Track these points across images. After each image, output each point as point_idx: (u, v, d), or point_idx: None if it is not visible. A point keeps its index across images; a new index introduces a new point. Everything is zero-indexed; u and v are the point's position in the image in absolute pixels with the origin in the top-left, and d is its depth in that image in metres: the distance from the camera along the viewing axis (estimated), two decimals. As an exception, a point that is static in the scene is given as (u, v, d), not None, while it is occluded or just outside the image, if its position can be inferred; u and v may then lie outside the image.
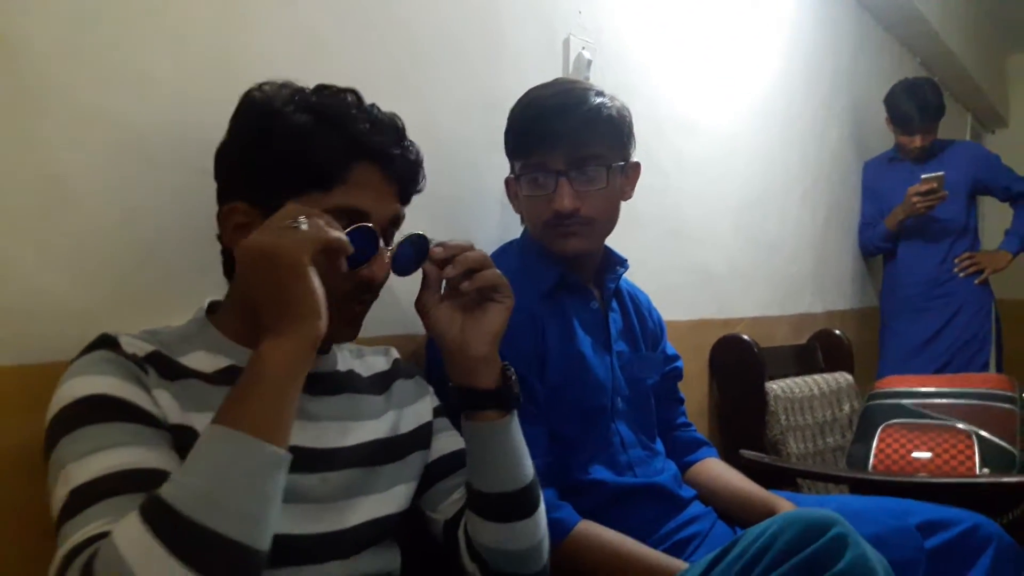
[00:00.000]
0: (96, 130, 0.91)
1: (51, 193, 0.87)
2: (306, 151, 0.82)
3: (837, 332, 2.45)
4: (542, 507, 0.93)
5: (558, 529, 1.07)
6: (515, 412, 0.92)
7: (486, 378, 0.90)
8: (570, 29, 1.64)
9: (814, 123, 2.75)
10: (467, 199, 1.39)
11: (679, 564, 1.06)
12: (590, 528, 1.10)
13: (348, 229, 0.79)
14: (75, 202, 0.89)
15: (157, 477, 0.68)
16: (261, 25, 1.08)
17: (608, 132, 1.20)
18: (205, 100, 0.98)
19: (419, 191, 0.95)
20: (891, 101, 2.85)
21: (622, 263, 1.34)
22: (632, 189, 1.29)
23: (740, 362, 2.03)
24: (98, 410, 0.73)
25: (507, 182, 1.30)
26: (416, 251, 0.90)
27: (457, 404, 0.93)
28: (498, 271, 0.92)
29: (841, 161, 2.98)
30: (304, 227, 0.73)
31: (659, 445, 1.34)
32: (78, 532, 0.65)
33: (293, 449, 0.75)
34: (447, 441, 1.00)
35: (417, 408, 1.00)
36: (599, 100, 1.19)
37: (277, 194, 0.81)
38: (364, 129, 0.85)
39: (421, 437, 0.98)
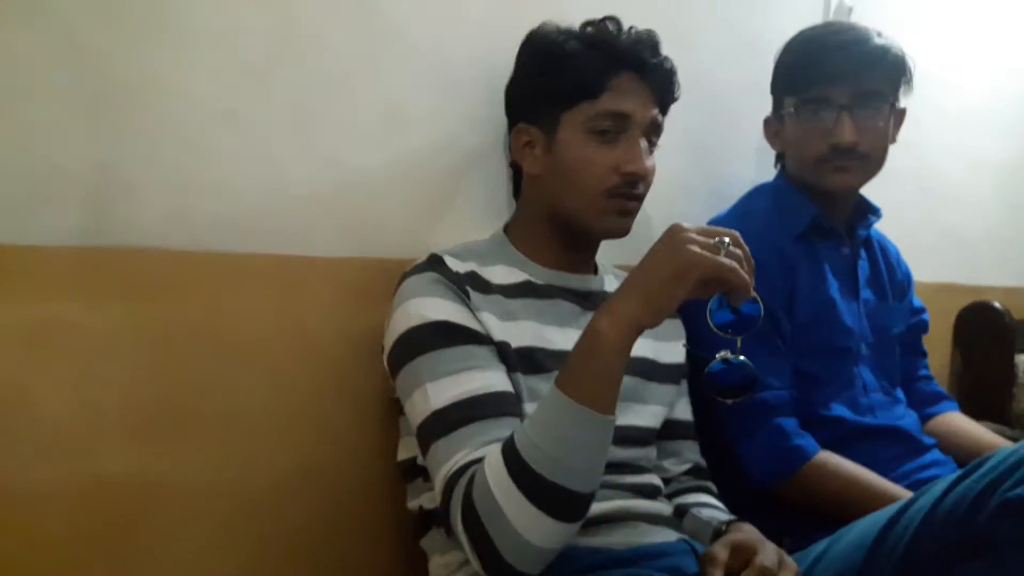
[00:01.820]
0: (425, 64, 1.08)
1: (392, 117, 1.06)
2: (573, 68, 0.97)
3: (1104, 311, 2.23)
4: None
5: (798, 455, 1.13)
6: None
7: None
8: (834, -24, 1.63)
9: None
10: (725, 141, 1.46)
11: (919, 499, 1.09)
12: (829, 457, 1.14)
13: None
14: (409, 125, 1.07)
15: (505, 398, 0.86)
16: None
17: (890, 71, 1.21)
18: (508, 39, 1.11)
19: (675, 99, 1.04)
20: None
21: (875, 211, 1.34)
22: (898, 134, 1.29)
23: (989, 331, 1.93)
24: (445, 335, 0.88)
25: (767, 121, 1.33)
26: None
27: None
28: None
29: None
30: (725, 251, 0.76)
31: (900, 394, 1.35)
32: (455, 456, 0.82)
33: None
34: (685, 407, 1.11)
35: (674, 347, 1.09)
36: (882, 40, 1.21)
37: (553, 110, 0.97)
38: (621, 43, 0.98)
39: (674, 374, 1.07)
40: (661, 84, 1.01)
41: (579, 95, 0.96)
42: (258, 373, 0.96)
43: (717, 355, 0.81)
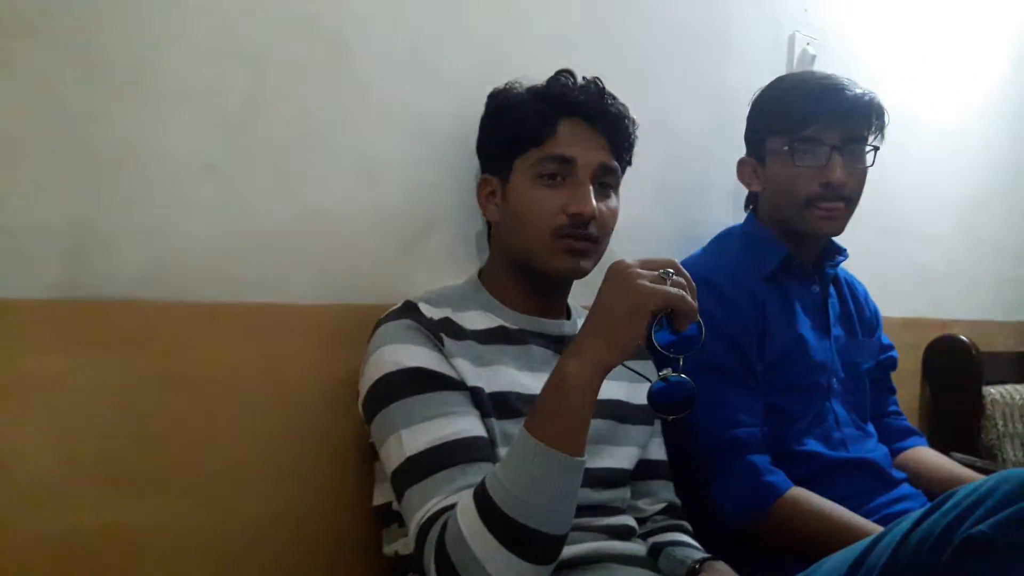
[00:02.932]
0: (398, 118, 1.11)
1: (367, 168, 1.08)
2: (520, 117, 1.01)
3: (1068, 342, 2.29)
4: None
5: (770, 492, 1.14)
6: None
7: None
8: (795, 26, 1.69)
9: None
10: (693, 183, 1.50)
11: (891, 534, 1.10)
12: (801, 493, 1.15)
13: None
14: (384, 175, 1.10)
15: (478, 443, 0.88)
16: (525, 31, 1.25)
17: (872, 117, 1.27)
18: (479, 94, 1.15)
19: (630, 143, 1.06)
20: None
21: (842, 252, 1.38)
22: None
23: (956, 363, 1.98)
24: (419, 381, 0.90)
25: (743, 162, 1.37)
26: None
27: None
28: None
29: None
30: (670, 280, 0.80)
31: (871, 428, 1.37)
32: (428, 502, 0.83)
33: None
34: (659, 448, 1.13)
35: (646, 388, 1.11)
36: (862, 88, 1.27)
37: (507, 159, 1.02)
38: (567, 91, 1.02)
39: (647, 415, 1.08)
40: (610, 128, 1.03)
41: (526, 142, 1.00)
42: (235, 421, 0.97)
43: (659, 374, 0.84)
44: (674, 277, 0.80)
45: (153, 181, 0.92)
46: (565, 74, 1.05)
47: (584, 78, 1.05)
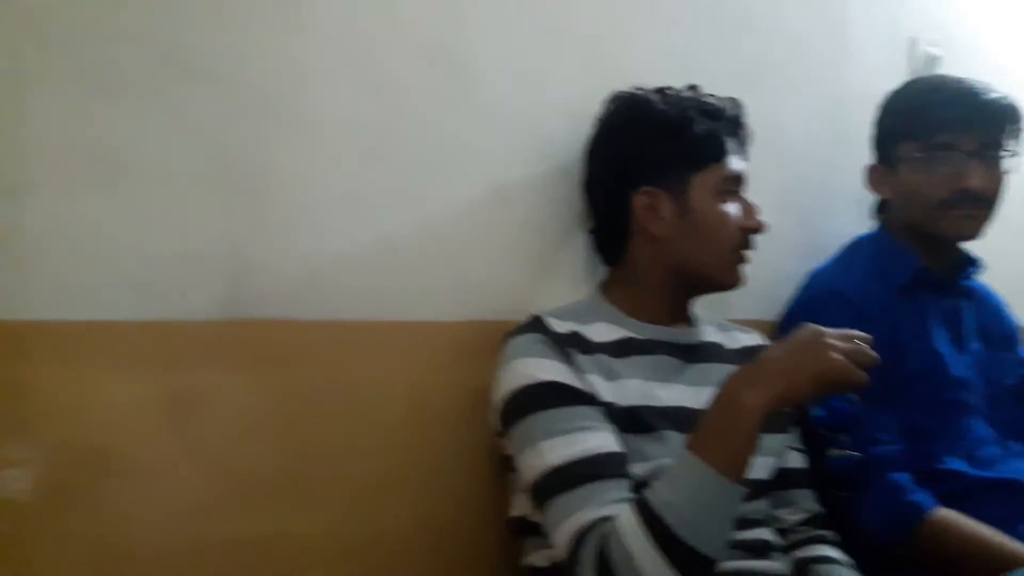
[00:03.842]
0: (522, 138, 1.14)
1: (495, 195, 1.12)
2: (699, 135, 1.03)
3: None
4: None
5: (914, 512, 1.10)
6: None
7: None
8: (916, 27, 1.64)
9: None
10: (815, 193, 1.47)
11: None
12: (948, 514, 1.10)
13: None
14: (511, 196, 1.13)
15: (620, 459, 0.89)
16: (641, 44, 1.26)
17: (1010, 122, 1.23)
18: (592, 106, 1.15)
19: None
20: None
21: (975, 262, 1.33)
22: None
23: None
24: (554, 395, 0.92)
25: (873, 168, 1.33)
26: None
27: None
28: None
29: None
30: (841, 350, 0.82)
31: (1019, 448, 1.30)
32: (578, 512, 0.84)
33: (678, 409, 0.94)
34: (797, 457, 1.10)
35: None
36: (998, 91, 1.24)
37: (682, 174, 1.03)
38: (727, 110, 1.06)
39: (783, 423, 1.06)
40: (746, 142, 1.10)
41: (707, 159, 1.03)
42: (380, 436, 1.01)
43: (833, 451, 0.84)
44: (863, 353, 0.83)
45: (298, 207, 0.98)
46: (694, 89, 1.08)
47: (715, 95, 1.08)
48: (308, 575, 0.95)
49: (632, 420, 0.94)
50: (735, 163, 1.04)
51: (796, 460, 1.10)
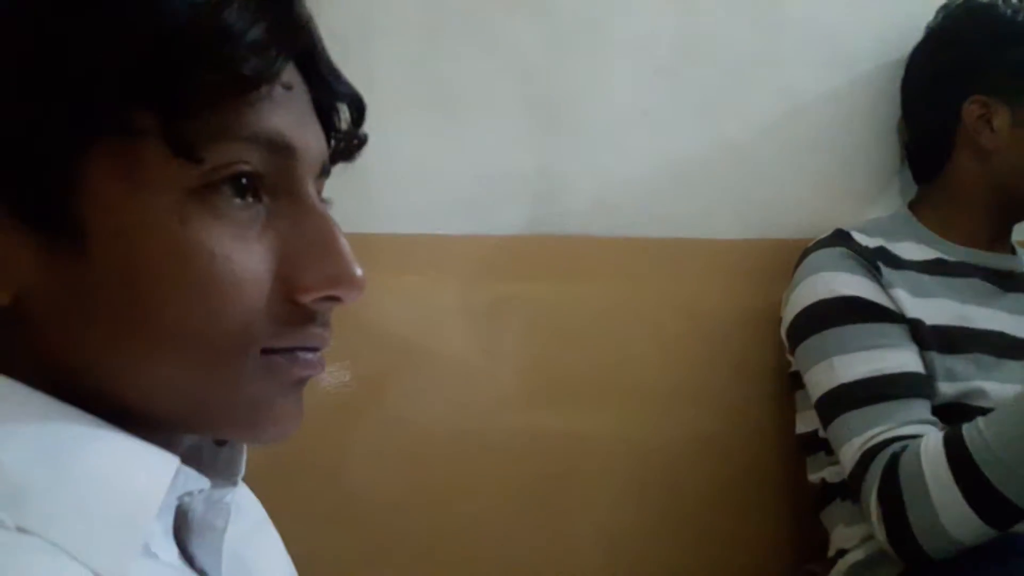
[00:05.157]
0: (822, 45, 1.10)
1: (788, 101, 1.09)
2: None
3: None
4: None
5: None
6: None
7: None
8: None
9: None
10: None
11: None
12: None
13: None
14: (805, 108, 1.10)
15: (920, 379, 0.86)
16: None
17: None
18: (906, 14, 1.08)
19: None
20: None
21: None
22: None
23: None
24: (855, 310, 0.90)
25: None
26: None
27: None
28: None
29: None
30: None
31: None
32: (870, 430, 0.84)
33: (995, 334, 0.89)
34: None
35: None
36: None
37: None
38: None
39: None
40: None
41: None
42: (660, 348, 1.06)
43: None
44: None
45: (598, 127, 1.02)
46: None
47: None
48: (590, 471, 1.03)
49: (941, 338, 0.91)
50: None
51: None
